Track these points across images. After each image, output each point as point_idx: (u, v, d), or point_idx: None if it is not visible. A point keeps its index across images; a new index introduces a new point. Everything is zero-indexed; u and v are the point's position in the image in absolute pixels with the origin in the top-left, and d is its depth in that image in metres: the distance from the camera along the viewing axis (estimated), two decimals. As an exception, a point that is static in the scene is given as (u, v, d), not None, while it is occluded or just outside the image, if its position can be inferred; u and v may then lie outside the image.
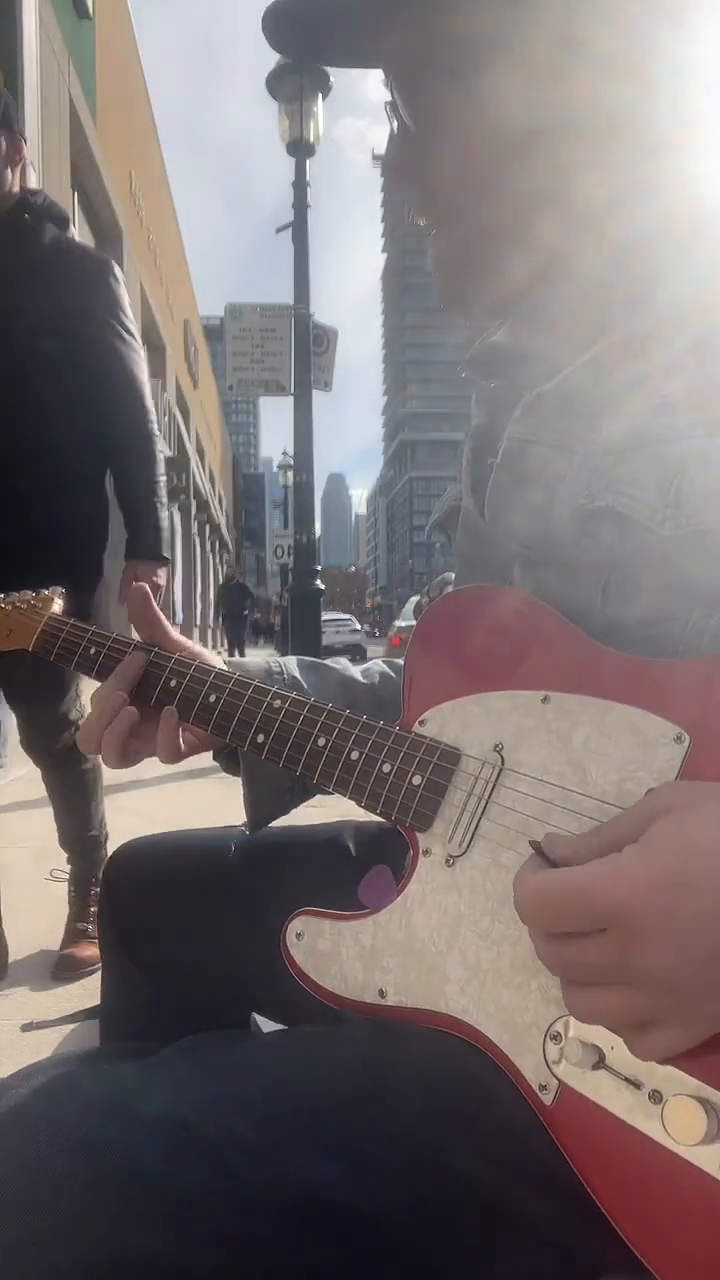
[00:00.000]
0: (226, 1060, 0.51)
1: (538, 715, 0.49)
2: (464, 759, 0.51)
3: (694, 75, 0.54)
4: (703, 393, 0.48)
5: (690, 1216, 0.37)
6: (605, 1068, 0.40)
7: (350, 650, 22.71)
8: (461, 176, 0.57)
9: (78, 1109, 0.45)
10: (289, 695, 0.61)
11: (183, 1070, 0.49)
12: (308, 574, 6.40)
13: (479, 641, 0.54)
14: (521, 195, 0.56)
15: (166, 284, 14.30)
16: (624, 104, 0.54)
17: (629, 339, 0.52)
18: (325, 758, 0.57)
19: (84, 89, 7.94)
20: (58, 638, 0.71)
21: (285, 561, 12.87)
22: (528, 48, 0.53)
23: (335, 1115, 0.46)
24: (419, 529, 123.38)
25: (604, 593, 0.52)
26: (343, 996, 0.50)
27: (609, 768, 0.45)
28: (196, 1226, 0.42)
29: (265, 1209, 0.43)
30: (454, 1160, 0.44)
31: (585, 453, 0.52)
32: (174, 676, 0.65)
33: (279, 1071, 0.49)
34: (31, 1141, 0.43)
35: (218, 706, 0.63)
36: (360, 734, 0.56)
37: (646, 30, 0.53)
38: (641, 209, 0.55)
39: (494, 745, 0.50)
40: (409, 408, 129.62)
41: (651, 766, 0.44)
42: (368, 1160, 0.44)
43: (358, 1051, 0.49)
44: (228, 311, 6.99)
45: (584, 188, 0.55)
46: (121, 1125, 0.44)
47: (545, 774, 0.47)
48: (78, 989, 1.71)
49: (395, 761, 0.54)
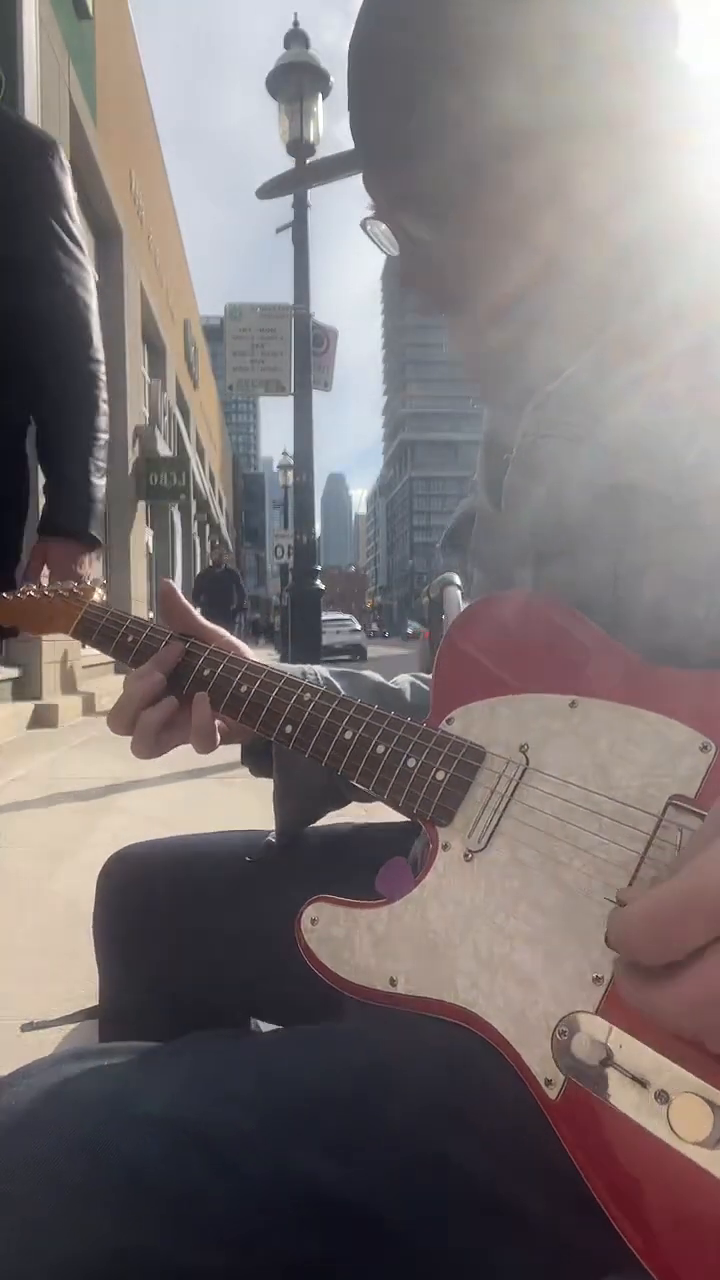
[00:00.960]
0: (225, 1058, 0.50)
1: (564, 719, 0.50)
2: (489, 757, 0.52)
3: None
4: (703, 390, 0.48)
5: (693, 1216, 0.37)
6: (613, 1065, 0.40)
7: (350, 650, 22.72)
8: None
9: (76, 1108, 0.45)
10: (319, 689, 0.62)
11: (182, 1068, 0.49)
12: (308, 574, 6.41)
13: (509, 645, 0.55)
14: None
15: (166, 284, 14.30)
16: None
17: (629, 335, 0.53)
18: (352, 750, 0.58)
19: (84, 89, 7.94)
20: (96, 624, 0.73)
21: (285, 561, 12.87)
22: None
23: (335, 1112, 0.46)
24: (419, 529, 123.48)
25: (614, 585, 0.52)
26: (354, 983, 0.50)
27: (633, 772, 0.46)
28: (196, 1225, 0.42)
29: (265, 1207, 0.43)
30: (455, 1156, 0.44)
31: (595, 440, 0.53)
32: (208, 665, 0.67)
33: (278, 1068, 0.49)
34: (30, 1141, 0.43)
35: (248, 697, 0.64)
36: (388, 729, 0.57)
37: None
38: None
39: (520, 746, 0.51)
40: (409, 408, 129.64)
41: (676, 774, 0.44)
42: (368, 1157, 0.44)
43: (358, 1048, 0.50)
44: (228, 311, 7.00)
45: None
46: (121, 1124, 0.44)
47: (569, 775, 0.48)
48: (78, 989, 1.71)
49: (421, 757, 0.54)
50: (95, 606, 0.75)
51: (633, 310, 0.54)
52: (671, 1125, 0.38)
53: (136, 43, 11.55)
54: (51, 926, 2.03)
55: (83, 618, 0.74)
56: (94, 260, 9.51)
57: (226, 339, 6.93)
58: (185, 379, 17.56)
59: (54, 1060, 0.50)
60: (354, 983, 0.51)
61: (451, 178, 0.57)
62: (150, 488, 11.02)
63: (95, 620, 0.73)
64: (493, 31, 0.53)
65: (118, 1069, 0.49)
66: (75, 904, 2.22)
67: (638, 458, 0.50)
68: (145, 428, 11.22)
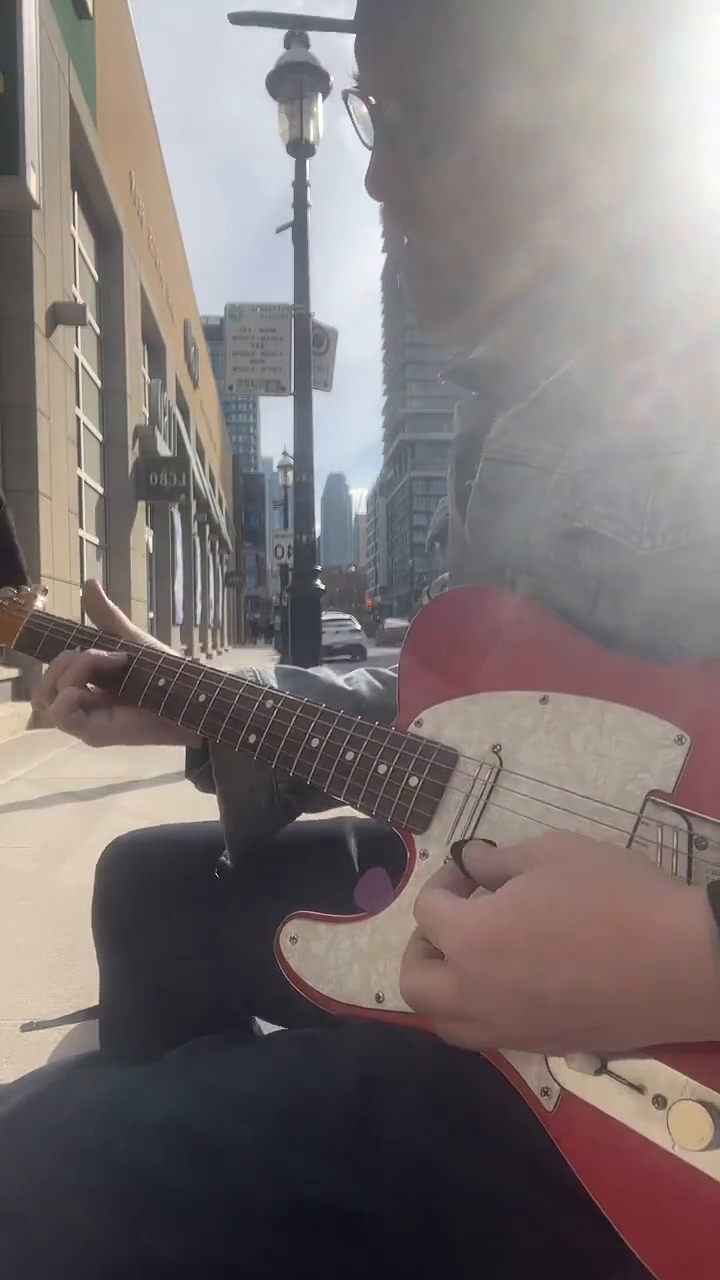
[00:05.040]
0: (228, 1066, 0.50)
1: (536, 716, 0.48)
2: (462, 760, 0.50)
3: (695, 75, 0.54)
4: (690, 400, 0.47)
5: (694, 1222, 0.37)
6: (607, 1073, 0.40)
7: (350, 650, 22.70)
8: (463, 176, 0.57)
9: (79, 1116, 0.45)
10: (282, 695, 0.60)
11: (184, 1075, 0.49)
12: (308, 574, 6.40)
13: (474, 642, 0.53)
14: (522, 195, 0.56)
15: (166, 284, 14.29)
16: (625, 104, 0.54)
17: (608, 348, 0.51)
18: (320, 758, 0.56)
19: (84, 89, 7.94)
20: (41, 635, 0.71)
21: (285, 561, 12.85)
22: (531, 49, 0.53)
23: (335, 1119, 0.45)
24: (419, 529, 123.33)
25: (594, 604, 0.51)
26: (338, 1001, 0.50)
27: (609, 770, 0.45)
28: (199, 1232, 0.42)
29: (267, 1213, 0.43)
30: (454, 1164, 0.44)
31: (561, 471, 0.51)
32: (162, 675, 0.65)
33: (279, 1075, 0.49)
34: (34, 1149, 0.43)
35: (208, 706, 0.62)
36: (355, 734, 0.55)
37: (648, 30, 0.53)
38: (642, 209, 0.54)
39: (492, 746, 0.50)
40: (409, 408, 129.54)
41: (652, 768, 0.43)
42: (367, 1164, 0.44)
43: (357, 1055, 0.49)
44: (228, 311, 6.99)
45: (585, 188, 0.55)
46: (124, 1132, 0.44)
47: (545, 775, 0.47)
48: (78, 989, 1.71)
49: (391, 762, 0.53)
50: (39, 616, 0.71)
51: (628, 313, 0.52)
52: (671, 1133, 0.38)
53: (136, 43, 11.54)
54: (51, 927, 2.03)
55: (26, 627, 0.71)
56: (94, 260, 9.53)
57: (226, 339, 6.92)
58: (185, 379, 17.55)
59: (55, 1067, 0.50)
60: (339, 1001, 0.50)
61: (442, 87, 0.55)
62: (150, 488, 11.01)
63: (40, 630, 0.70)
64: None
65: (120, 1076, 0.49)
66: (75, 904, 2.23)
67: (602, 504, 0.48)
68: (145, 428, 11.21)
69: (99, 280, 9.76)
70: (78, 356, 8.34)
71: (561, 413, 0.52)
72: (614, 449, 0.49)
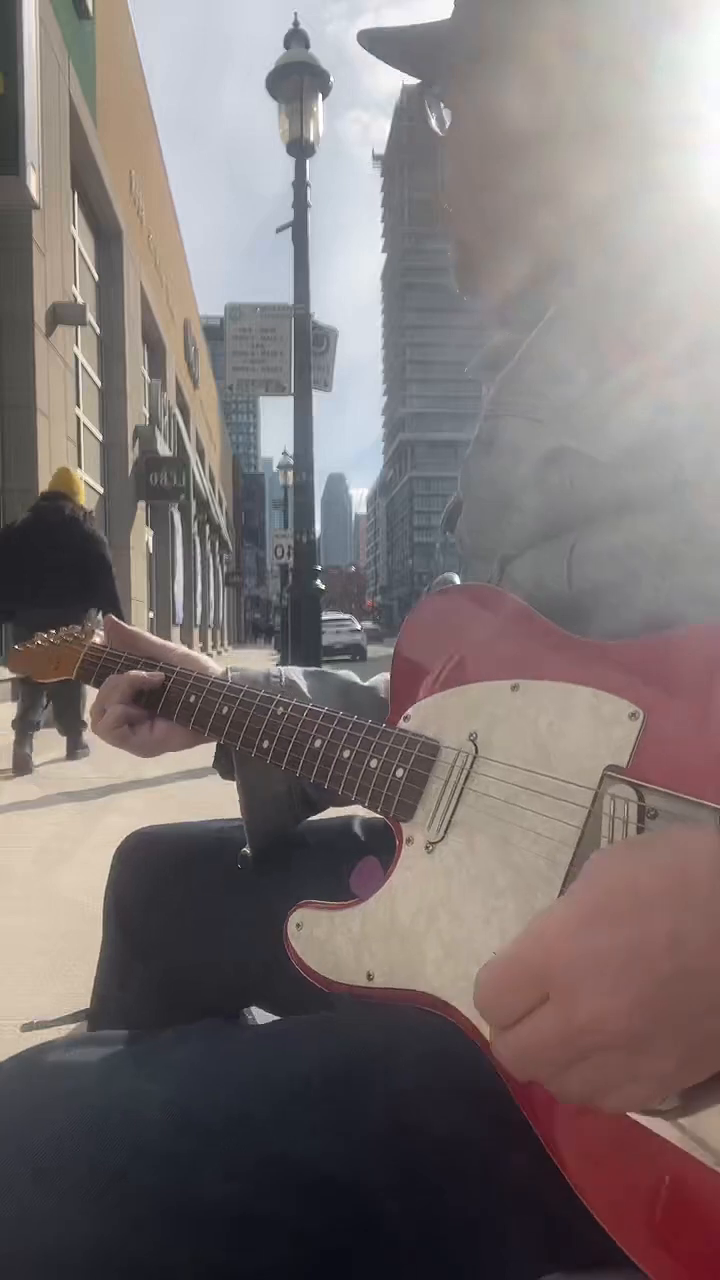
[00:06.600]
0: (224, 1047, 0.52)
1: (508, 703, 0.51)
2: (442, 750, 0.54)
3: (694, 75, 0.54)
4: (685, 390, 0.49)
5: (650, 1187, 0.38)
6: None
7: (350, 650, 22.72)
8: (462, 176, 0.57)
9: (75, 1095, 0.46)
10: (290, 702, 0.65)
11: (181, 1057, 0.50)
12: (308, 574, 6.41)
13: (455, 638, 0.57)
14: (522, 195, 0.56)
15: (166, 284, 14.31)
16: (624, 105, 0.54)
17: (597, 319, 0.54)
18: (321, 757, 0.61)
19: (84, 89, 7.95)
20: (96, 665, 0.80)
21: (285, 561, 12.86)
22: (530, 50, 0.53)
23: (328, 1094, 0.47)
24: (419, 529, 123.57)
25: (569, 566, 0.54)
26: (336, 981, 0.53)
27: (569, 748, 0.47)
28: (194, 1211, 0.42)
29: (264, 1188, 0.43)
30: (438, 1134, 0.45)
31: (549, 418, 0.55)
32: (193, 692, 0.72)
33: (274, 1054, 0.50)
34: (29, 1129, 0.44)
35: (229, 717, 0.68)
36: (350, 733, 0.60)
37: (647, 31, 0.53)
38: (642, 209, 0.55)
39: (469, 735, 0.53)
40: (409, 408, 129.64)
41: (609, 744, 0.45)
42: (360, 1136, 0.45)
43: (348, 1033, 0.52)
44: (228, 311, 7.00)
45: (585, 188, 0.55)
46: (119, 1112, 0.45)
47: (514, 759, 0.50)
48: (78, 989, 1.72)
49: (381, 757, 0.57)
50: (94, 648, 0.83)
51: (628, 311, 0.54)
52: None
53: (136, 43, 11.56)
54: (51, 927, 2.04)
55: (84, 659, 0.82)
56: (94, 260, 9.54)
57: (226, 339, 6.93)
58: (185, 379, 17.58)
59: (51, 1047, 0.51)
60: (336, 981, 0.53)
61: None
62: (150, 488, 11.03)
63: (95, 660, 0.81)
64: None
65: (115, 1057, 0.50)
66: (75, 904, 2.23)
67: (577, 429, 0.52)
68: (145, 428, 11.23)
69: (99, 280, 9.77)
70: (78, 356, 8.36)
71: (543, 372, 0.57)
72: (591, 396, 0.53)
